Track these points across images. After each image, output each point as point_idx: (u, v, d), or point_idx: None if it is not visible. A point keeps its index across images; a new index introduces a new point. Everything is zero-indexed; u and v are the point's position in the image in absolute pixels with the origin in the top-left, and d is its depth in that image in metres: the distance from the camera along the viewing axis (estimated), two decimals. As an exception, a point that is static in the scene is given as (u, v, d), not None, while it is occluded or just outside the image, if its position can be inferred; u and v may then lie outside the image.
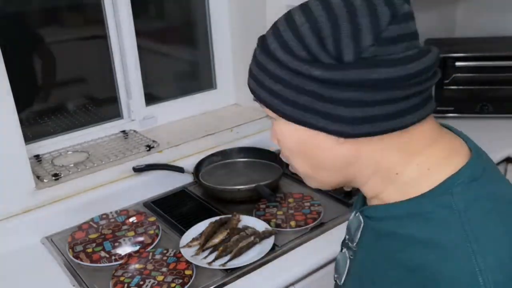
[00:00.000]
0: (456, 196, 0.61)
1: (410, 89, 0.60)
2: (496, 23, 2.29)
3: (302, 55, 0.62)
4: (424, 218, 0.62)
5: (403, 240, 0.64)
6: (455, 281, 0.57)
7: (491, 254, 0.58)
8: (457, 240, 0.59)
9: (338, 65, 0.60)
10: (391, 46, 0.59)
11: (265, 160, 1.74)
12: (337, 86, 0.60)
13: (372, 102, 0.60)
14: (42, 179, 1.46)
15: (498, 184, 0.66)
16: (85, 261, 1.28)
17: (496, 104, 1.96)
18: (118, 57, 1.74)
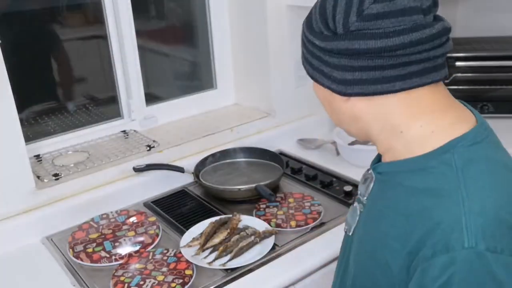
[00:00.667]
0: (457, 155, 0.71)
1: (396, 59, 0.70)
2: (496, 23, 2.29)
3: (315, 29, 0.78)
4: (427, 172, 0.73)
5: (406, 190, 0.74)
6: (442, 221, 0.67)
7: (477, 202, 0.67)
8: (450, 189, 0.69)
9: (332, 37, 0.74)
10: (376, 21, 0.70)
11: (265, 160, 1.74)
12: (332, 53, 0.75)
13: (358, 67, 0.73)
14: (42, 179, 1.46)
15: (496, 150, 0.76)
16: (85, 261, 1.28)
17: (496, 104, 1.96)
18: (119, 57, 1.74)
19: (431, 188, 0.71)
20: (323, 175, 1.66)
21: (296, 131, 1.94)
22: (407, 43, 0.69)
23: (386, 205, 0.78)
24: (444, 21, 0.73)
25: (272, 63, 1.83)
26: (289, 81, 1.90)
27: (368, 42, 0.70)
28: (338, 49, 0.73)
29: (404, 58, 0.70)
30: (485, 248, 0.64)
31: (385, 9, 0.69)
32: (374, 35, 0.69)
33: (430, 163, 0.73)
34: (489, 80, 1.97)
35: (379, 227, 0.78)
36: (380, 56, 0.70)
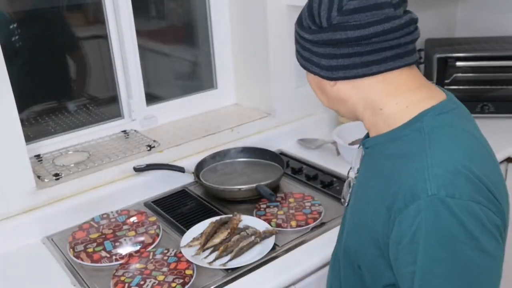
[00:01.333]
0: (425, 122, 0.83)
1: (372, 46, 0.82)
2: (496, 23, 2.29)
3: (304, 25, 0.89)
4: (401, 140, 0.84)
5: (385, 157, 0.86)
6: (410, 176, 0.78)
7: (438, 157, 0.78)
8: (418, 150, 0.80)
9: (319, 30, 0.86)
10: (353, 15, 0.82)
11: (265, 160, 1.74)
12: (318, 44, 0.86)
13: (340, 55, 0.85)
14: (43, 178, 1.46)
15: (460, 120, 0.86)
16: (85, 260, 1.28)
17: (497, 104, 1.96)
18: (119, 57, 1.74)
19: (404, 152, 0.82)
20: (324, 175, 1.66)
21: (296, 131, 1.94)
22: (380, 32, 0.81)
23: (370, 172, 0.90)
24: (411, 13, 0.85)
25: (272, 63, 1.83)
26: (289, 81, 1.90)
27: (348, 32, 0.82)
28: (323, 40, 0.85)
29: (378, 45, 0.82)
30: (445, 194, 0.74)
31: (360, 4, 0.81)
32: (352, 27, 0.81)
33: (403, 132, 0.84)
34: (489, 80, 1.97)
35: (364, 191, 0.90)
36: (358, 44, 0.82)
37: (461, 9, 2.47)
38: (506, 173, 1.79)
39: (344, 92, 0.90)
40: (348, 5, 0.82)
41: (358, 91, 0.89)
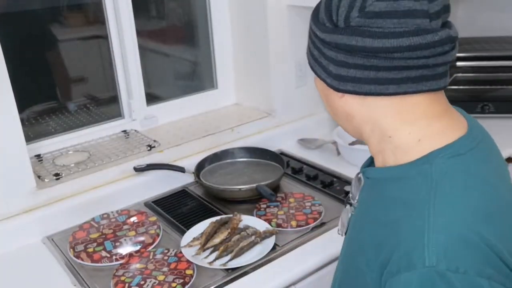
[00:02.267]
0: (435, 166, 0.70)
1: (392, 61, 0.68)
2: (496, 23, 2.29)
3: (320, 20, 0.76)
4: (405, 182, 0.72)
5: (385, 199, 0.74)
6: (408, 236, 0.66)
7: (442, 218, 0.65)
8: (421, 202, 0.67)
9: (333, 29, 0.72)
10: (377, 19, 0.67)
11: (266, 160, 1.74)
12: (330, 46, 0.73)
13: (353, 65, 0.71)
14: (43, 178, 1.46)
15: (480, 163, 0.72)
16: (86, 260, 1.28)
17: (497, 104, 1.96)
18: (119, 57, 1.74)
19: (406, 199, 0.70)
20: (324, 175, 1.66)
21: (296, 131, 1.94)
22: (405, 46, 0.66)
23: (369, 211, 0.78)
24: (451, 30, 0.69)
25: (273, 63, 1.83)
26: (289, 81, 1.90)
27: (365, 40, 0.67)
28: (336, 43, 0.71)
29: (400, 62, 0.68)
30: (446, 268, 0.61)
31: (388, 8, 0.66)
32: (372, 34, 0.67)
33: (410, 172, 0.72)
34: (490, 80, 1.97)
35: (361, 232, 0.78)
36: (375, 56, 0.68)
37: (461, 9, 2.47)
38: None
39: (351, 107, 0.76)
40: (373, 6, 0.67)
41: (367, 110, 0.75)
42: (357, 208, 0.85)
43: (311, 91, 1.98)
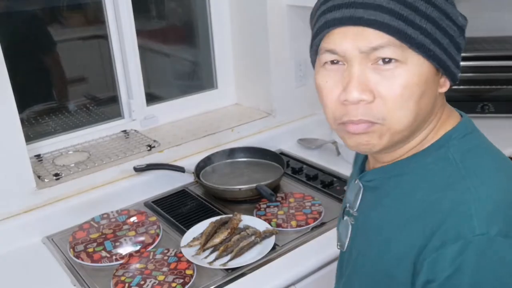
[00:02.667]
0: (452, 148, 0.72)
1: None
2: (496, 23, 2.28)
3: (455, 7, 0.71)
4: (425, 170, 0.72)
5: (405, 192, 0.73)
6: (452, 212, 0.66)
7: (484, 189, 0.66)
8: (455, 181, 0.68)
9: (465, 23, 0.72)
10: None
11: (266, 160, 1.74)
12: (464, 38, 0.72)
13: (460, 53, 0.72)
14: (43, 178, 1.46)
15: (485, 139, 0.76)
16: (86, 260, 1.28)
17: (497, 104, 1.96)
18: (119, 57, 1.74)
19: (434, 184, 0.70)
20: (324, 175, 1.66)
21: (296, 131, 1.93)
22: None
23: (384, 212, 0.76)
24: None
25: (273, 63, 1.83)
26: (289, 81, 1.90)
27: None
28: (464, 32, 0.73)
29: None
30: (496, 233, 0.63)
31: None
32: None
33: (426, 159, 0.73)
34: (490, 80, 1.97)
35: (380, 236, 0.76)
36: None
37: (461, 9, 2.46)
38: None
39: (440, 99, 0.75)
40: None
41: (441, 100, 0.75)
42: (360, 216, 0.83)
43: (311, 91, 1.97)
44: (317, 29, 0.73)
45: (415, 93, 0.68)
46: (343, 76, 0.70)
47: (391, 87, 0.67)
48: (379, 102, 0.68)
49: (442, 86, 0.74)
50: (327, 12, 0.70)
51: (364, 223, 0.81)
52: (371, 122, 0.70)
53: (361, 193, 0.83)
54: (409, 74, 0.67)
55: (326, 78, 0.73)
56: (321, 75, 0.74)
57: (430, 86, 0.70)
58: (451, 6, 0.70)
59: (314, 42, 0.75)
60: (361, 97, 0.68)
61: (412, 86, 0.68)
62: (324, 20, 0.71)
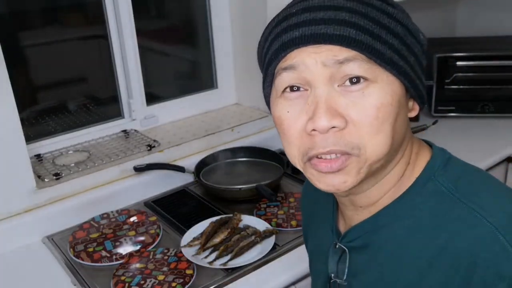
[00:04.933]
0: (441, 179, 0.65)
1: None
2: (496, 23, 2.29)
3: (416, 28, 0.66)
4: (418, 210, 0.64)
5: (402, 243, 0.65)
6: (477, 244, 0.58)
7: (498, 213, 0.59)
8: (462, 214, 0.60)
9: (426, 39, 0.67)
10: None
11: (266, 159, 1.74)
12: (426, 57, 0.67)
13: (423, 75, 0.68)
14: (43, 178, 1.46)
15: (460, 159, 0.70)
16: (86, 260, 1.28)
17: (497, 104, 1.96)
18: (119, 56, 1.74)
19: (433, 224, 0.62)
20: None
21: (296, 131, 1.93)
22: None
23: (384, 272, 0.67)
24: None
25: (273, 62, 1.83)
26: (289, 81, 1.90)
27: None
28: (425, 52, 0.68)
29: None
30: None
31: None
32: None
33: (415, 200, 0.65)
34: (490, 79, 1.97)
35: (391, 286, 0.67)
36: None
37: (461, 9, 2.47)
38: (506, 173, 1.79)
39: (408, 124, 0.67)
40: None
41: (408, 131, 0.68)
42: (355, 282, 0.73)
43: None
44: (271, 54, 0.64)
45: (390, 115, 0.61)
46: (306, 103, 0.61)
47: (364, 110, 0.59)
48: (351, 128, 0.60)
49: (411, 110, 0.67)
50: (282, 33, 0.62)
51: (362, 285, 0.71)
52: (345, 153, 0.61)
53: (347, 258, 0.72)
54: (381, 93, 0.60)
55: (286, 108, 0.63)
56: (280, 106, 0.64)
57: (402, 107, 0.63)
58: (411, 22, 0.65)
59: (268, 71, 0.67)
60: (331, 123, 0.59)
61: (386, 106, 0.60)
62: (280, 43, 0.62)
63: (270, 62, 0.65)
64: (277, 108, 0.65)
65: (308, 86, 0.61)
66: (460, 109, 1.96)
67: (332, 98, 0.60)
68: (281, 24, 0.63)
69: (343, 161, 0.61)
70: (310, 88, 0.61)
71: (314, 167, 0.63)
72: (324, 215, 0.80)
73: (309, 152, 0.62)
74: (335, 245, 0.74)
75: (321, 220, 0.81)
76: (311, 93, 0.61)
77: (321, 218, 0.81)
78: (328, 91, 0.60)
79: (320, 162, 0.62)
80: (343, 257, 0.73)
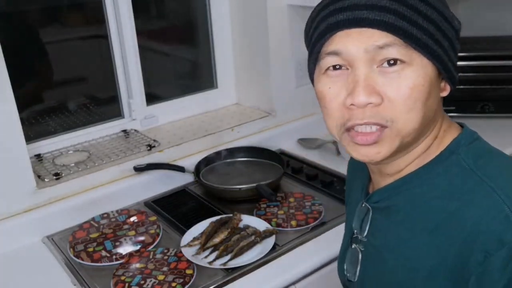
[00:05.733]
0: (463, 154, 0.70)
1: None
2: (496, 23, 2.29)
3: (446, 5, 0.71)
4: (438, 179, 0.70)
5: (420, 205, 0.71)
6: (483, 219, 0.63)
7: (509, 189, 0.64)
8: (473, 186, 0.66)
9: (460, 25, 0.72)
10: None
11: (266, 159, 1.74)
12: (459, 42, 0.72)
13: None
14: (43, 178, 1.46)
15: (489, 144, 0.75)
16: (86, 260, 1.28)
17: (497, 104, 1.96)
18: (119, 56, 1.74)
19: (449, 192, 0.68)
20: (324, 175, 1.66)
21: (296, 131, 1.93)
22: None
23: (398, 230, 0.74)
24: None
25: (273, 62, 1.83)
26: (289, 81, 1.90)
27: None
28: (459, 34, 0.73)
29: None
30: None
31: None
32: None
33: (437, 169, 0.71)
34: (490, 79, 1.96)
35: (400, 256, 0.73)
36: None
37: (461, 9, 2.47)
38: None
39: (440, 102, 0.73)
40: None
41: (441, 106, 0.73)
42: (371, 240, 0.79)
43: (311, 91, 1.97)
44: (317, 35, 0.71)
45: (422, 94, 0.67)
46: (347, 81, 0.68)
47: (399, 89, 0.66)
48: (386, 104, 0.67)
49: (443, 90, 0.73)
50: (329, 16, 0.68)
51: (377, 247, 0.78)
52: (379, 125, 0.67)
53: (370, 216, 0.79)
54: (415, 75, 0.66)
55: (328, 84, 0.70)
56: (323, 82, 0.71)
57: (434, 88, 0.69)
58: (447, 9, 0.70)
59: (314, 50, 0.73)
60: (369, 100, 0.66)
61: (419, 87, 0.67)
62: (326, 24, 0.69)
63: (315, 42, 0.72)
64: (319, 84, 0.72)
65: (349, 66, 0.68)
66: (460, 109, 1.96)
67: (371, 77, 0.67)
68: (328, 7, 0.69)
69: (378, 135, 0.68)
70: (351, 68, 0.68)
71: (351, 138, 0.70)
72: (360, 180, 0.87)
73: (347, 123, 0.69)
74: (362, 204, 0.81)
75: (358, 184, 0.88)
76: (352, 72, 0.68)
77: (358, 182, 0.88)
78: (367, 72, 0.67)
79: (357, 135, 0.69)
80: (367, 216, 0.80)
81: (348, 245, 0.85)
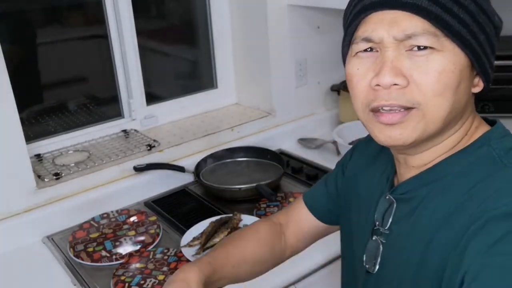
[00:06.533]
0: (494, 146, 0.70)
1: None
2: (497, 23, 2.29)
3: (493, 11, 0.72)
4: (468, 168, 0.69)
5: (447, 187, 0.70)
6: (502, 187, 0.64)
7: None
8: (499, 170, 0.66)
9: (501, 22, 0.73)
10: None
11: (266, 159, 1.74)
12: (498, 40, 0.73)
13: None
14: (43, 178, 1.46)
15: None
16: (86, 260, 1.28)
17: (497, 104, 1.96)
18: (119, 56, 1.74)
19: (474, 177, 0.68)
20: (324, 175, 1.66)
21: (296, 131, 1.94)
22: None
23: (421, 216, 0.72)
24: None
25: (273, 62, 1.83)
26: (289, 81, 1.90)
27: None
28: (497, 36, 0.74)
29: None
30: None
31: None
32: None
33: (468, 159, 0.71)
34: (490, 79, 1.97)
35: (421, 241, 0.71)
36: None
37: (461, 9, 2.47)
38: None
39: (471, 96, 0.74)
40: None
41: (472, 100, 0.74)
42: (395, 230, 0.77)
43: (311, 91, 1.98)
44: (353, 15, 0.72)
45: (452, 81, 0.66)
46: (375, 63, 0.69)
47: (426, 73, 0.66)
48: (413, 87, 0.67)
49: (476, 86, 0.73)
50: None
51: (397, 237, 0.77)
52: (404, 108, 0.67)
53: (394, 208, 0.78)
54: (444, 60, 0.66)
55: (357, 65, 0.72)
56: (352, 64, 0.72)
57: (465, 79, 0.68)
58: (487, 3, 0.71)
59: (348, 31, 0.74)
60: (394, 81, 0.66)
61: (448, 72, 0.66)
62: (361, 5, 0.70)
63: (351, 22, 0.73)
64: (349, 66, 0.73)
65: (379, 48, 0.69)
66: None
67: (398, 60, 0.67)
68: None
69: (403, 114, 0.68)
70: (380, 50, 0.69)
71: (377, 118, 0.70)
72: (382, 169, 0.86)
73: (372, 103, 0.70)
74: (386, 197, 0.80)
75: (377, 172, 0.87)
76: (380, 54, 0.69)
77: (377, 170, 0.87)
78: (395, 55, 0.67)
79: (382, 114, 0.69)
80: (390, 208, 0.79)
81: (370, 236, 0.83)
